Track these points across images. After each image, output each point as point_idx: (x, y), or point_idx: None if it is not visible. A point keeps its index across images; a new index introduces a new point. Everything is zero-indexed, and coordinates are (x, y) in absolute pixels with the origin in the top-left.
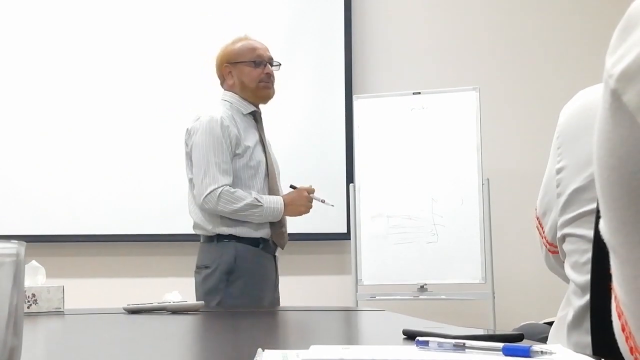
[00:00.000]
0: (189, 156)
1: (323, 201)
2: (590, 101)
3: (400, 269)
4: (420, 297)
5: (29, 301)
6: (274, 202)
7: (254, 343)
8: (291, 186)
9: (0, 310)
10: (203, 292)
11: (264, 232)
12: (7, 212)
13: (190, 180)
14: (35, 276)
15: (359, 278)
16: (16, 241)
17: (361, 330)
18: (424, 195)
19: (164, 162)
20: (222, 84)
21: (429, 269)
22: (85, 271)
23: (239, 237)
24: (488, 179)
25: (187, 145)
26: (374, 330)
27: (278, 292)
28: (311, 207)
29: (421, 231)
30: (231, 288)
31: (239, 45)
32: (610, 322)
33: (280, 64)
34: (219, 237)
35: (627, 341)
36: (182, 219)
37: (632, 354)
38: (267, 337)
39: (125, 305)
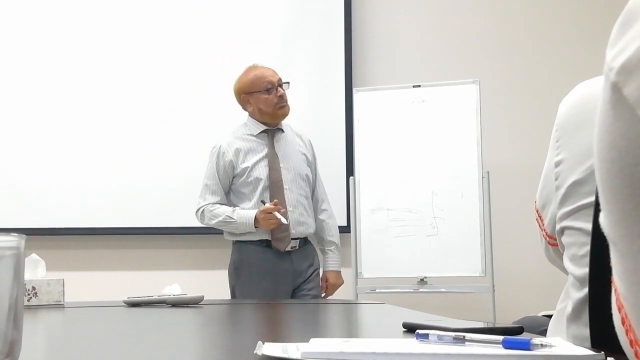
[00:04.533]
0: None
1: (279, 219)
2: (588, 94)
3: (400, 262)
4: (420, 290)
5: (29, 294)
6: (246, 218)
7: (254, 336)
8: (261, 202)
9: (1, 304)
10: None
11: (263, 235)
12: (8, 206)
13: None
14: (36, 269)
15: (359, 271)
16: (16, 234)
17: (361, 323)
18: (424, 188)
19: (164, 156)
20: (244, 109)
21: (429, 262)
22: (85, 264)
23: (242, 240)
24: (488, 172)
25: None
26: (374, 323)
27: (309, 284)
28: (274, 222)
29: (421, 224)
30: (240, 281)
31: (250, 76)
32: (609, 314)
33: (289, 83)
34: (234, 241)
35: (627, 334)
36: (182, 213)
37: (632, 347)
38: (267, 329)
39: (126, 298)
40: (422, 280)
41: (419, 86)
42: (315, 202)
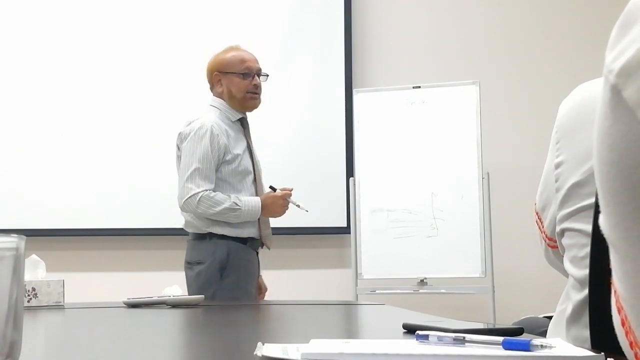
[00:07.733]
0: (179, 159)
1: (298, 206)
2: (588, 95)
3: (400, 263)
4: (420, 291)
5: (29, 295)
6: (252, 205)
7: (254, 337)
8: (270, 187)
9: (0, 304)
10: (197, 286)
11: (251, 232)
12: (7, 207)
13: None
14: (36, 270)
15: (358, 272)
16: (16, 235)
17: (361, 324)
18: (424, 189)
19: (164, 156)
20: (211, 89)
21: (429, 263)
22: (86, 265)
23: (229, 235)
24: (488, 173)
25: (178, 148)
26: (374, 324)
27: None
28: (286, 209)
29: (421, 225)
30: (224, 282)
31: (229, 55)
32: (609, 316)
33: (267, 75)
34: (211, 235)
35: (626, 336)
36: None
37: (631, 349)
38: (267, 330)
39: (125, 299)
40: (422, 281)
41: (419, 87)
42: None
